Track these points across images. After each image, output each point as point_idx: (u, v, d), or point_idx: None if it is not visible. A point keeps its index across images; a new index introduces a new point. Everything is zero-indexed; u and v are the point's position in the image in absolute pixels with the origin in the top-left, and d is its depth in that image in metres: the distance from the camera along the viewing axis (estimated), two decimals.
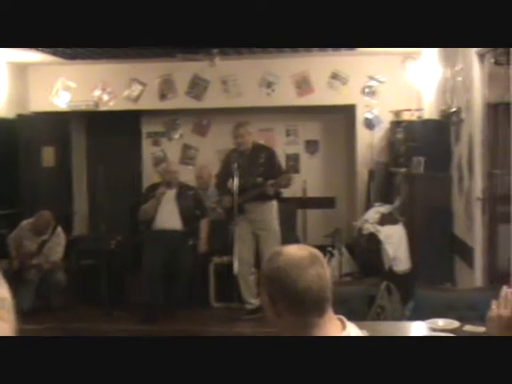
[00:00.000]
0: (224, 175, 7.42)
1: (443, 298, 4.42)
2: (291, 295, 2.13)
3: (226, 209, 7.32)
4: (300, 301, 2.13)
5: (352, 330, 2.23)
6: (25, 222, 7.75)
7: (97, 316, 7.29)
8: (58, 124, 9.85)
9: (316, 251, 2.22)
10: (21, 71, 9.52)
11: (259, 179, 7.15)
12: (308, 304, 2.14)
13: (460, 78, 6.29)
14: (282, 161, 9.82)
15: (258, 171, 7.20)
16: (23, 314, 6.14)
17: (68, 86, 9.77)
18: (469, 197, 5.96)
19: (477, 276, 5.75)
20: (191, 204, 7.59)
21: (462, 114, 6.23)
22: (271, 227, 7.36)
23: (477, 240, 5.76)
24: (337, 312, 2.27)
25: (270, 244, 7.09)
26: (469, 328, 3.71)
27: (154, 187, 7.77)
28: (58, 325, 6.99)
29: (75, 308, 7.64)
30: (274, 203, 7.40)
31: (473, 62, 5.66)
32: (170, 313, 7.26)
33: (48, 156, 9.57)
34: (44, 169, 9.48)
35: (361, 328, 2.30)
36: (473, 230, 5.84)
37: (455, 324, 3.80)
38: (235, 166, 7.04)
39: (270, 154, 7.47)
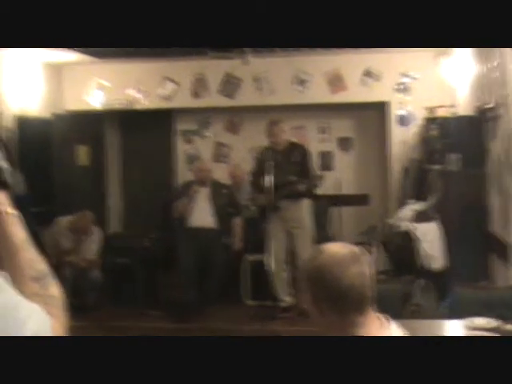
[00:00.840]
0: (258, 173, 7.43)
1: (480, 296, 4.39)
2: (334, 293, 2.14)
3: (259, 207, 7.33)
4: (343, 299, 2.14)
5: (394, 329, 2.23)
6: (61, 219, 7.79)
7: (132, 314, 7.32)
8: (91, 123, 9.90)
9: (358, 249, 2.24)
10: (56, 71, 9.61)
11: (293, 177, 7.14)
12: (350, 302, 2.15)
13: (496, 74, 6.21)
14: (315, 158, 9.83)
15: (291, 170, 7.19)
16: None
17: (102, 85, 9.85)
18: (507, 193, 5.89)
19: None
20: (225, 202, 7.60)
21: (498, 110, 6.16)
22: (305, 225, 7.35)
23: None
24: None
25: (303, 242, 7.09)
26: (510, 327, 3.66)
27: (187, 185, 7.78)
28: (94, 323, 7.02)
29: (110, 306, 7.68)
30: (308, 201, 7.39)
31: (510, 58, 5.59)
32: (204, 311, 7.28)
33: (82, 154, 9.64)
34: (78, 167, 9.55)
35: (399, 327, 2.28)
36: (509, 227, 5.77)
37: (493, 323, 3.75)
38: (270, 164, 7.03)
39: (304, 152, 7.46)
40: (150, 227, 8.50)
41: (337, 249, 2.21)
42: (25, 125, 8.57)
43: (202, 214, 7.47)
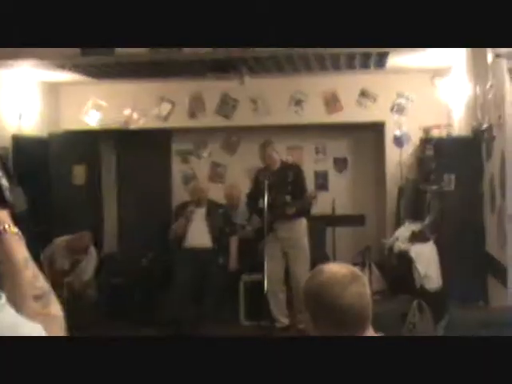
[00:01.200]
0: (254, 194, 7.45)
1: (476, 316, 4.39)
2: (333, 312, 2.16)
3: (256, 227, 7.35)
4: (342, 318, 2.16)
5: None
6: (59, 240, 7.76)
7: (126, 333, 7.28)
8: (88, 142, 9.91)
9: (356, 270, 2.27)
10: (52, 90, 9.64)
11: (288, 197, 7.16)
12: (349, 322, 2.16)
13: (491, 95, 6.25)
14: (311, 178, 9.86)
15: (286, 190, 7.23)
16: None
17: (98, 104, 9.88)
18: (501, 214, 5.91)
19: (510, 294, 5.68)
20: (221, 222, 7.61)
21: (493, 130, 6.19)
22: (300, 245, 7.37)
23: (510, 258, 5.70)
24: None
25: (299, 262, 7.10)
26: None
27: (183, 206, 7.81)
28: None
29: (106, 325, 7.65)
30: (304, 221, 7.41)
31: (504, 79, 5.63)
32: (200, 330, 7.26)
33: (78, 174, 9.65)
34: (74, 186, 9.55)
35: None
36: (506, 247, 5.77)
37: None
38: (265, 184, 7.05)
39: (298, 172, 7.52)
40: (146, 247, 8.50)
41: (337, 269, 2.23)
42: (21, 144, 8.60)
43: (198, 234, 7.48)
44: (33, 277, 1.43)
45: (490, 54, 5.18)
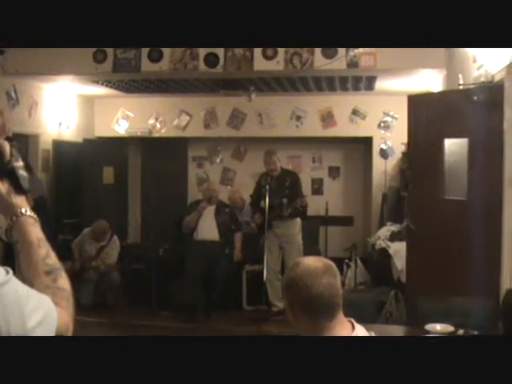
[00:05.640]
0: (257, 195, 7.51)
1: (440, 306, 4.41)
2: (305, 300, 2.15)
3: (258, 224, 7.40)
4: (313, 306, 2.14)
5: (360, 331, 2.24)
6: (86, 230, 7.84)
7: (146, 314, 7.27)
8: (117, 147, 10.02)
9: (330, 263, 2.23)
10: (88, 102, 9.73)
11: (284, 199, 7.21)
12: (320, 309, 2.15)
13: None
14: (308, 184, 9.91)
15: (284, 193, 7.26)
16: (83, 308, 6.19)
17: (127, 115, 9.96)
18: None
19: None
20: (227, 219, 7.62)
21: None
22: (295, 241, 7.41)
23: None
24: (349, 315, 2.27)
25: (293, 255, 7.12)
26: (461, 333, 3.73)
27: (196, 203, 7.80)
28: (113, 320, 7.01)
29: (128, 306, 7.65)
30: (298, 220, 7.43)
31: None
32: (208, 313, 7.30)
33: (108, 175, 9.74)
34: (104, 185, 9.63)
35: (369, 330, 2.31)
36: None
37: (450, 328, 3.82)
38: (266, 187, 7.11)
39: (295, 178, 7.54)
40: (164, 239, 8.53)
41: (311, 262, 2.21)
42: (60, 147, 8.69)
43: (208, 229, 7.48)
44: (45, 255, 1.44)
45: (460, 81, 5.22)
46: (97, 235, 7.71)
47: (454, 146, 5.28)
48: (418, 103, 5.75)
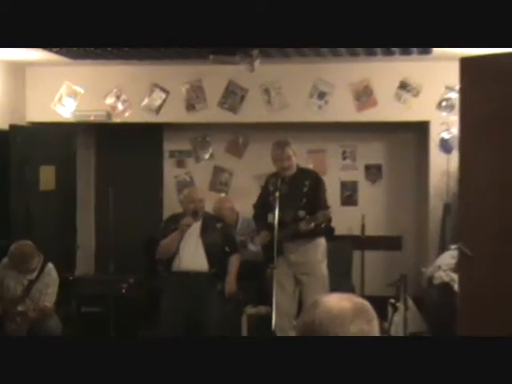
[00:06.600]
0: (262, 206, 7.48)
1: None
2: None
3: (262, 246, 7.36)
4: None
5: None
6: (5, 259, 7.57)
7: None
8: (60, 138, 10.01)
9: (363, 302, 2.24)
10: (16, 72, 9.71)
11: (301, 212, 7.16)
12: None
13: None
14: (336, 190, 9.91)
15: (300, 203, 7.24)
16: None
17: (74, 91, 9.96)
18: None
19: None
20: (218, 240, 7.60)
21: None
22: (316, 272, 7.39)
23: None
24: None
25: (314, 293, 7.07)
26: None
27: (175, 218, 7.79)
28: None
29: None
30: (322, 242, 7.42)
31: None
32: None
33: (47, 177, 9.70)
34: (42, 193, 9.60)
35: None
36: None
37: None
38: (276, 194, 7.07)
39: (317, 181, 7.49)
40: (128, 269, 8.54)
41: (335, 301, 2.22)
42: None
43: (192, 255, 7.47)
44: None
45: None
46: (17, 264, 7.48)
47: None
48: (486, 70, 5.73)
